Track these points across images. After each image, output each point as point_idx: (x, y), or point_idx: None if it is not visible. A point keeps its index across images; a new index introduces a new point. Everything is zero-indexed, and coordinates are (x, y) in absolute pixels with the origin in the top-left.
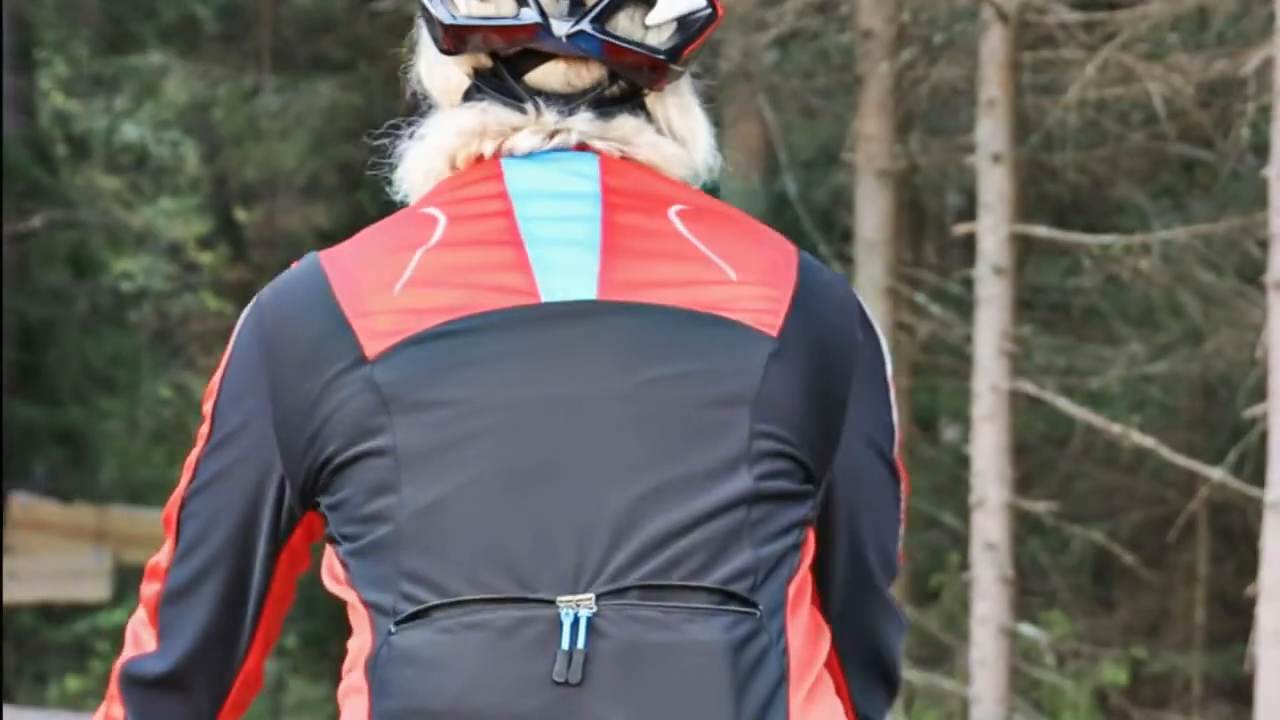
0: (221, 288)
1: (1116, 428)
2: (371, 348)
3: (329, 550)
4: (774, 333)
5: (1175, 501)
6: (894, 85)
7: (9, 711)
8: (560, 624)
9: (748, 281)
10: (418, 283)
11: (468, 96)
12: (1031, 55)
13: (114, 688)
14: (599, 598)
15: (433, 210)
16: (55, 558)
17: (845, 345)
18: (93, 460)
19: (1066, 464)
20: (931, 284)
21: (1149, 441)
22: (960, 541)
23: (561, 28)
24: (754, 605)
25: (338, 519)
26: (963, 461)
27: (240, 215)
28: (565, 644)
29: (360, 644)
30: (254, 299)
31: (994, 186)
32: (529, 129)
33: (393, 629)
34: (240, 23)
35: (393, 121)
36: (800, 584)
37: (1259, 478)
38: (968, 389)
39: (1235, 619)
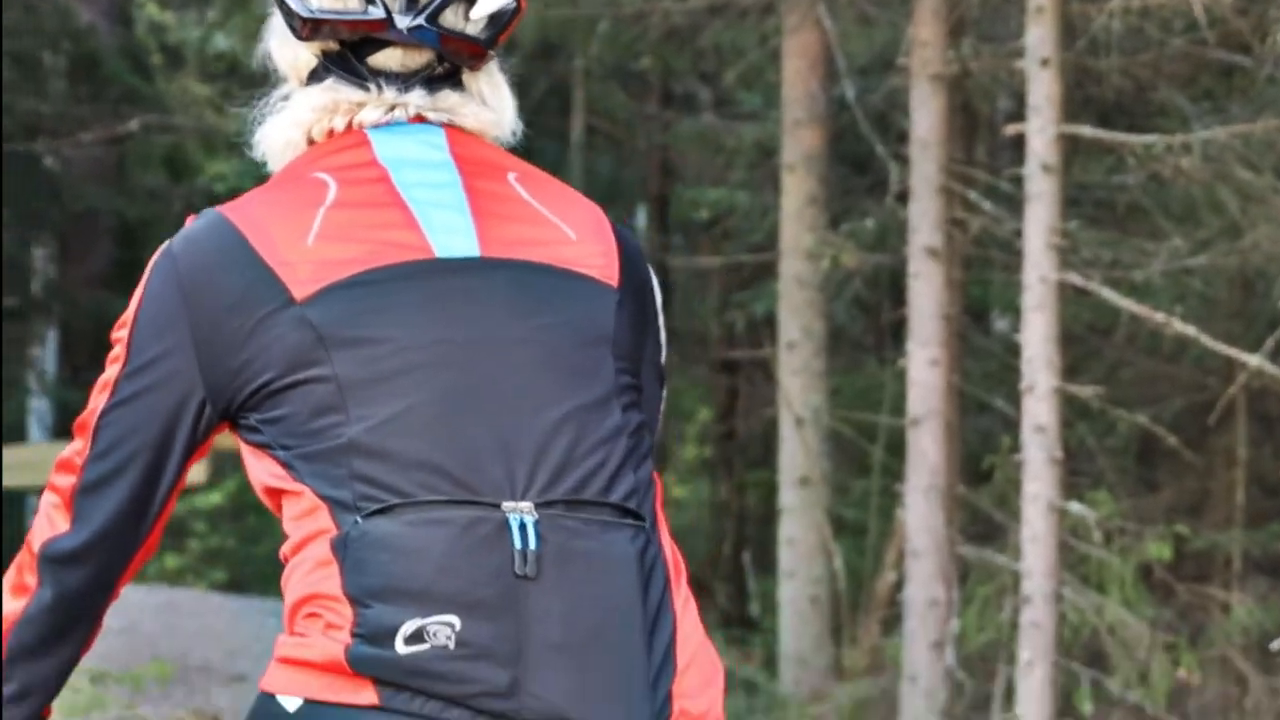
0: None
1: (1159, 317)
2: (299, 292)
3: (259, 454)
4: (615, 284)
5: (1215, 387)
6: None
7: None
8: (507, 525)
9: (584, 240)
10: (325, 237)
11: (314, 74)
12: None
13: (30, 560)
14: (535, 507)
15: (321, 175)
16: None
17: (649, 287)
18: None
19: (1112, 352)
20: (983, 182)
21: (1190, 330)
22: (1011, 425)
23: (403, 21)
24: (642, 520)
25: (277, 431)
26: (1013, 350)
27: None
28: (518, 543)
29: (315, 528)
30: (163, 248)
31: (1042, 89)
32: (372, 104)
33: (359, 519)
34: None
35: (253, 94)
36: (660, 505)
37: None
38: (1018, 281)
39: (1272, 499)
